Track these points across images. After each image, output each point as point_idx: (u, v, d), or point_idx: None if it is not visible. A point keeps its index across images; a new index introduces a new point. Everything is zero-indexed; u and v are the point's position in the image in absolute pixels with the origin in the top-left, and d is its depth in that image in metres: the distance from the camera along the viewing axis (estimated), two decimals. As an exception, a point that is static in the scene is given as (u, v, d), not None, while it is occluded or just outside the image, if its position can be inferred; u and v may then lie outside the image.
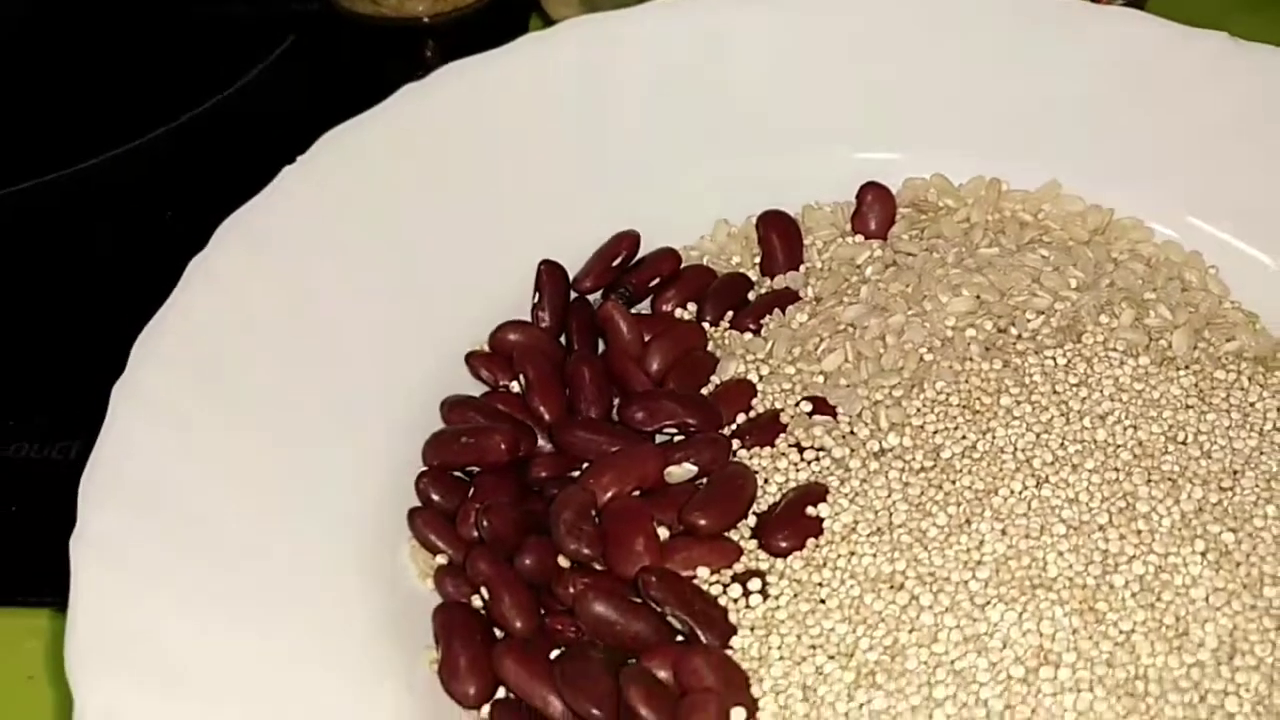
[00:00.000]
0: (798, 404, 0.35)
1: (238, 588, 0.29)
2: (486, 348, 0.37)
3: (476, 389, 0.36)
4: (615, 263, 0.39)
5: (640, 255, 0.39)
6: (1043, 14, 0.41)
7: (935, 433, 0.33)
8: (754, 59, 0.42)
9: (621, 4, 0.50)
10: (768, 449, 0.34)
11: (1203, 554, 0.29)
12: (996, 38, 0.41)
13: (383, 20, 0.51)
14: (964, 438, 0.33)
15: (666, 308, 0.39)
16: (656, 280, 0.39)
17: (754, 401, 0.35)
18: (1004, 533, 0.30)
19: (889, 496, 0.32)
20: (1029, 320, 0.36)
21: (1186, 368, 0.35)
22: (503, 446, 0.33)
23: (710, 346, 0.38)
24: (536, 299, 0.38)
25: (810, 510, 0.32)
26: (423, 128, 0.39)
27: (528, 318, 0.38)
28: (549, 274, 0.38)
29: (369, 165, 0.38)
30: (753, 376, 0.36)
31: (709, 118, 0.41)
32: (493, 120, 0.40)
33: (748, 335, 0.38)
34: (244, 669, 0.27)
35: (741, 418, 0.35)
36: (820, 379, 0.36)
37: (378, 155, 0.38)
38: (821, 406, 0.35)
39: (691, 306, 0.39)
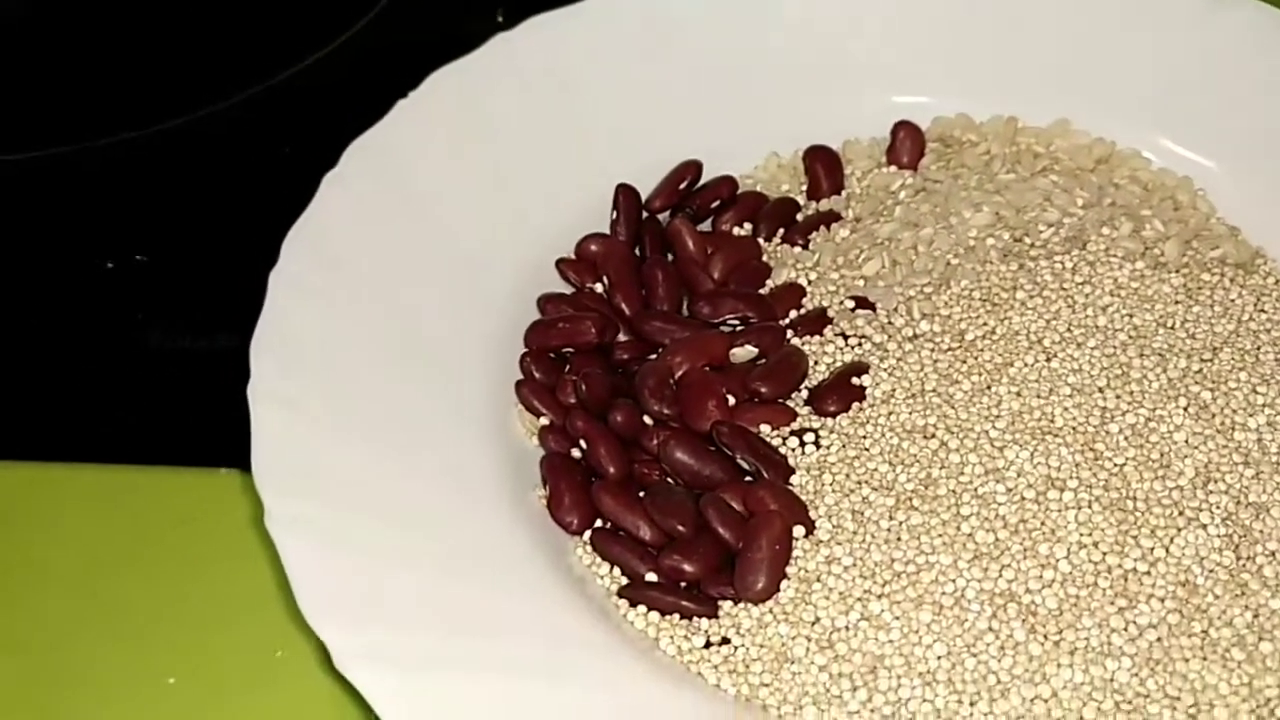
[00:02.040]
0: (842, 302, 0.41)
1: (383, 433, 0.35)
2: (573, 255, 0.43)
3: (567, 290, 0.42)
4: (681, 186, 0.45)
5: (702, 181, 0.45)
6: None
7: (960, 320, 0.39)
8: (802, 13, 0.48)
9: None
10: (817, 337, 0.40)
11: (1184, 408, 0.35)
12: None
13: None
14: (984, 324, 0.39)
15: (725, 226, 0.45)
16: (717, 202, 0.45)
17: (804, 301, 0.41)
18: (1019, 394, 0.36)
19: (921, 370, 0.38)
20: (1041, 231, 0.42)
21: (1177, 271, 0.40)
22: (593, 330, 0.39)
23: (764, 258, 0.43)
24: (614, 216, 0.44)
25: (855, 380, 0.38)
26: (515, 70, 0.45)
27: (608, 232, 0.44)
28: (625, 195, 0.44)
29: (471, 100, 0.44)
30: (802, 281, 0.42)
31: (764, 63, 0.47)
32: (574, 66, 0.46)
33: (797, 249, 0.43)
34: (394, 492, 0.33)
35: (793, 313, 0.41)
36: (861, 282, 0.42)
37: (478, 92, 0.44)
38: (863, 303, 0.41)
39: (747, 225, 0.45)
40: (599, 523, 0.36)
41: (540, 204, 0.43)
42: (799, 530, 0.34)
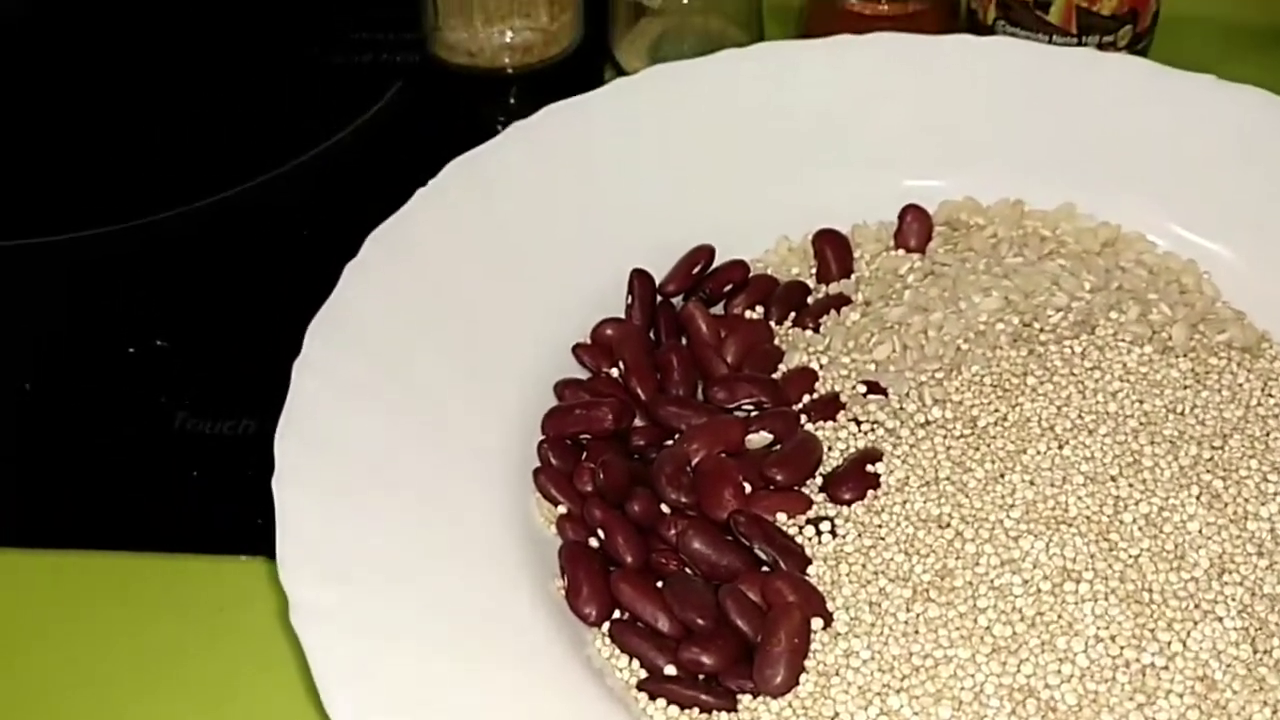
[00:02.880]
0: (854, 386, 0.41)
1: (405, 522, 0.35)
2: (589, 340, 0.43)
3: (582, 375, 0.43)
4: (694, 271, 0.45)
5: (714, 265, 0.46)
6: (1057, 62, 0.48)
7: (972, 406, 0.40)
8: (807, 101, 0.49)
9: (683, 55, 0.58)
10: (830, 422, 0.40)
11: (1197, 497, 0.36)
12: (1017, 82, 0.48)
13: (475, 70, 0.59)
14: (996, 410, 0.39)
15: (737, 309, 0.45)
16: (729, 286, 0.45)
17: (816, 385, 0.42)
18: (1032, 483, 0.37)
19: (935, 457, 0.38)
20: (1050, 316, 0.42)
21: (1184, 355, 0.41)
22: (610, 416, 0.39)
23: (776, 341, 0.44)
24: (629, 300, 0.44)
25: (869, 468, 0.38)
26: (532, 158, 0.46)
27: (623, 316, 0.44)
28: (639, 280, 0.44)
29: (488, 188, 0.45)
30: (814, 365, 0.43)
31: (771, 150, 0.48)
32: (589, 152, 0.47)
33: (808, 332, 0.44)
34: (416, 584, 0.34)
35: (806, 398, 0.42)
36: (872, 366, 0.42)
37: (495, 180, 0.45)
38: (874, 388, 0.41)
39: (759, 309, 0.45)
40: (618, 613, 0.36)
41: (557, 289, 0.44)
42: (817, 623, 0.34)
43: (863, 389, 0.41)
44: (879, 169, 0.48)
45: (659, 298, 0.45)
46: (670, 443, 0.40)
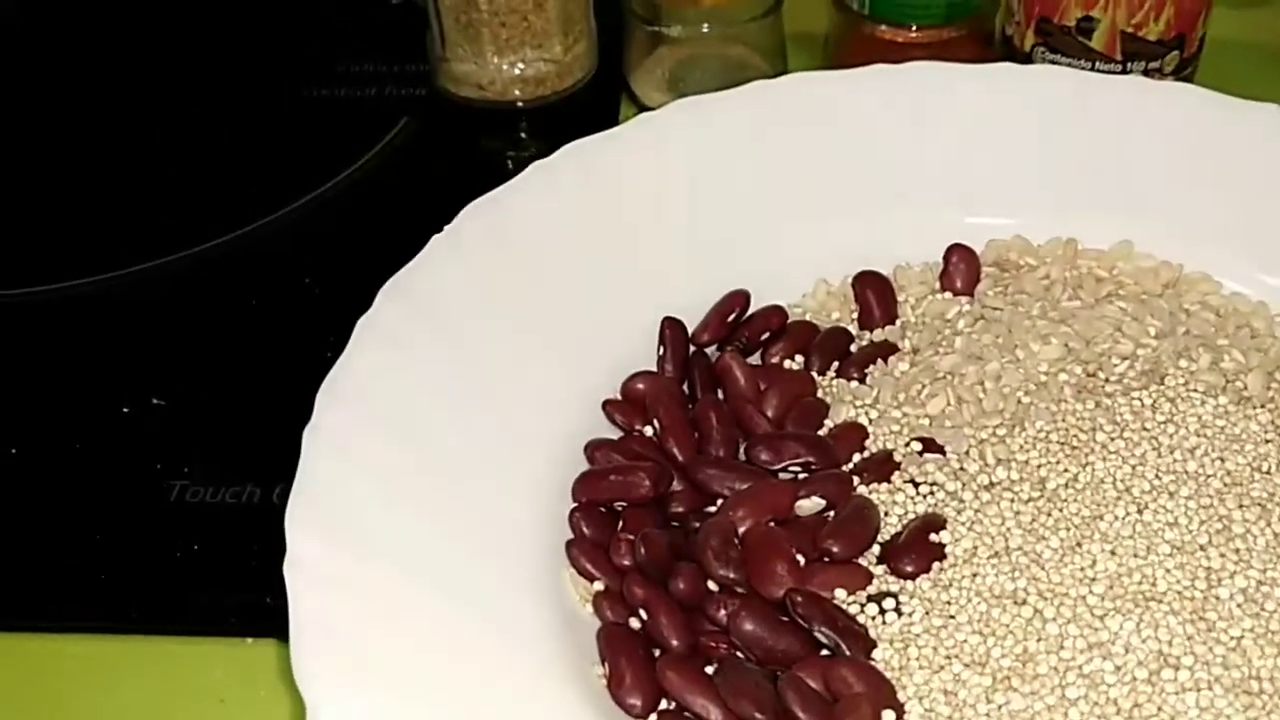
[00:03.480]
0: (908, 444, 0.38)
1: (430, 606, 0.32)
2: (620, 396, 0.40)
3: (614, 433, 0.40)
4: (730, 318, 0.42)
5: (750, 311, 0.43)
6: (1107, 90, 0.45)
7: (1039, 466, 0.37)
8: (843, 135, 0.46)
9: (703, 84, 0.55)
10: (884, 484, 0.37)
11: (1297, 569, 0.33)
12: (1067, 112, 0.45)
13: (485, 104, 0.56)
14: (1065, 470, 0.36)
15: (775, 359, 0.42)
16: (766, 334, 0.43)
17: (866, 442, 0.39)
18: (1113, 553, 0.34)
19: (1003, 524, 0.35)
20: (1115, 365, 0.39)
21: (1262, 406, 0.38)
22: (647, 483, 0.36)
23: (819, 394, 0.41)
24: (661, 352, 0.41)
25: (933, 537, 0.35)
26: (553, 200, 0.43)
27: (654, 368, 0.41)
28: (671, 330, 0.41)
29: (507, 234, 0.42)
30: (863, 420, 0.40)
31: (806, 187, 0.45)
32: (613, 192, 0.44)
33: (854, 383, 0.41)
34: (444, 677, 0.31)
35: (857, 457, 0.38)
36: (926, 421, 0.39)
37: (514, 225, 0.42)
38: (930, 446, 0.38)
39: (799, 358, 0.42)
40: (665, 703, 0.33)
41: (584, 341, 0.41)
42: (888, 715, 0.31)
43: (917, 446, 0.38)
44: (921, 206, 0.45)
45: (692, 348, 0.42)
46: (712, 509, 0.37)
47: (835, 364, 0.42)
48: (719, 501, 0.37)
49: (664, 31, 0.54)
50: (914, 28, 0.52)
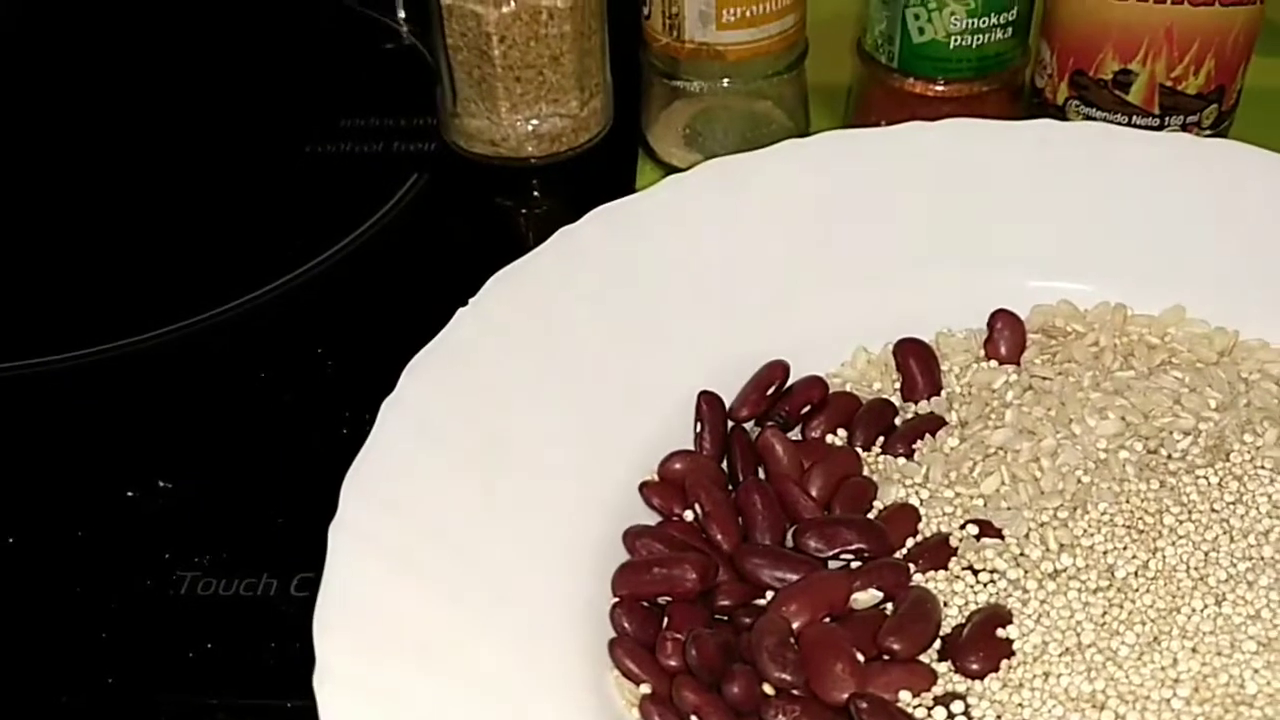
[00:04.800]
0: (963, 526, 0.37)
1: (461, 710, 0.30)
2: (657, 477, 0.38)
3: (650, 517, 0.38)
4: (769, 391, 0.40)
5: (789, 383, 0.41)
6: (1153, 149, 0.44)
7: (1106, 552, 0.35)
8: (879, 195, 0.44)
9: (722, 138, 0.53)
10: (941, 571, 0.35)
11: (1393, 667, 0.31)
12: (1111, 171, 0.43)
13: (498, 160, 0.54)
14: (1135, 557, 0.34)
15: (816, 434, 0.40)
16: (807, 407, 0.41)
17: (919, 525, 0.37)
18: (1194, 650, 0.32)
19: (1072, 616, 0.33)
20: (1177, 440, 0.38)
21: (1334, 484, 0.36)
22: (693, 576, 0.34)
23: (865, 471, 0.39)
24: (698, 428, 0.39)
25: (1000, 632, 0.33)
26: (581, 268, 0.41)
27: (690, 445, 0.39)
28: (709, 405, 0.40)
29: (534, 306, 0.40)
30: (914, 501, 0.38)
31: (842, 250, 0.43)
32: (643, 258, 0.42)
33: (901, 460, 0.39)
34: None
35: (910, 542, 0.37)
36: (980, 502, 0.37)
37: (542, 295, 0.40)
38: (987, 529, 0.36)
39: (841, 432, 0.40)
40: (723, 820, 0.31)
41: (617, 417, 0.38)
42: (969, 833, 0.29)
43: (973, 530, 0.36)
44: (962, 269, 0.43)
45: (730, 423, 0.40)
46: (761, 601, 0.35)
47: (880, 438, 0.40)
48: (769, 594, 0.35)
49: (683, 86, 0.52)
50: (942, 81, 0.50)
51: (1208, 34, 0.47)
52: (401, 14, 0.65)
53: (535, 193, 0.54)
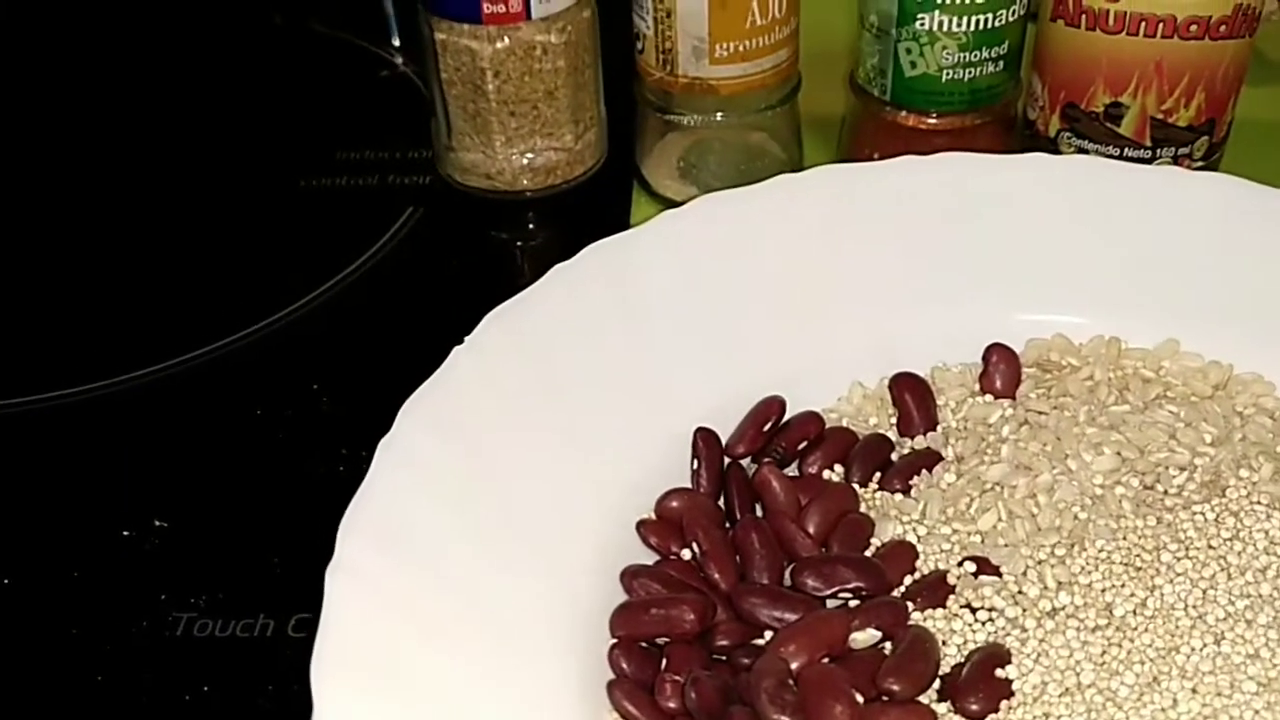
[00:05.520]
0: (960, 564, 0.37)
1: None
2: (654, 515, 0.38)
3: (648, 555, 0.38)
4: (766, 427, 0.40)
5: (785, 418, 0.41)
6: (1146, 181, 0.44)
7: (1104, 590, 0.35)
8: (874, 230, 0.44)
9: (719, 172, 0.53)
10: (939, 610, 0.35)
11: (1393, 707, 0.31)
12: (1106, 204, 0.44)
13: (493, 194, 0.54)
14: (1132, 595, 0.34)
15: (813, 469, 0.40)
16: (804, 443, 0.41)
17: (916, 563, 0.37)
18: (1194, 691, 0.32)
19: (1071, 655, 0.33)
20: (1173, 476, 0.38)
21: (1329, 519, 0.36)
22: (692, 618, 0.34)
23: (862, 507, 0.39)
24: (695, 465, 0.39)
25: (999, 672, 0.33)
26: (576, 305, 0.41)
27: (686, 481, 0.39)
28: (705, 441, 0.40)
29: (531, 344, 0.39)
30: (911, 537, 0.38)
31: (837, 285, 0.43)
32: (639, 295, 0.42)
33: (898, 496, 0.39)
34: None
35: (908, 579, 0.37)
36: (978, 538, 0.37)
37: (537, 333, 0.40)
38: (985, 566, 0.36)
39: (838, 468, 0.40)
40: None
41: (614, 455, 0.38)
42: None
43: (971, 567, 0.36)
44: (957, 304, 0.43)
45: (726, 459, 0.40)
46: (759, 640, 0.35)
47: (877, 474, 0.40)
48: (767, 633, 0.35)
49: (677, 119, 0.52)
50: (935, 114, 0.51)
51: (1198, 67, 0.47)
52: (396, 41, 0.66)
53: (530, 225, 0.54)
